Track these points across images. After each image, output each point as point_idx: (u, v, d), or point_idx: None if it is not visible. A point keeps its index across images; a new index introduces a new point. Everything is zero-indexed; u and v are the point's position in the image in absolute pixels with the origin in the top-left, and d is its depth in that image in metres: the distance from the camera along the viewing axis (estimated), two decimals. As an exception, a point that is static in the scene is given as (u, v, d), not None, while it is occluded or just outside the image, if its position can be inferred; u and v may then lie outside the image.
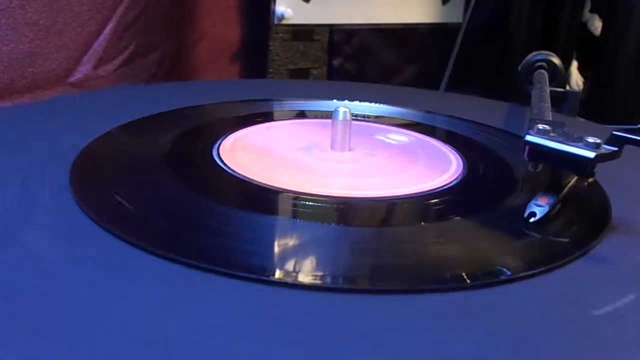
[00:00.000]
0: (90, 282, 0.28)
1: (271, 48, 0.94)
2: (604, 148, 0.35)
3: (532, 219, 0.36)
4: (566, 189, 0.38)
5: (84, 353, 0.23)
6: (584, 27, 1.03)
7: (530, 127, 0.37)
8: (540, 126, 0.37)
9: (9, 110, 0.64)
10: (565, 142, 0.35)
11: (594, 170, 0.35)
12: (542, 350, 0.25)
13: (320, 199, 0.38)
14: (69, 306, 0.26)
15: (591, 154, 0.34)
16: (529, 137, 0.37)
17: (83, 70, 0.77)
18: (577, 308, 0.29)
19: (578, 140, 0.35)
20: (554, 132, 0.37)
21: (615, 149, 0.35)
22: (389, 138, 0.53)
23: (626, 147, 0.35)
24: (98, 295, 0.27)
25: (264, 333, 0.25)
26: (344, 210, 0.38)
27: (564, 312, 0.28)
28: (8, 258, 0.29)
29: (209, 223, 0.35)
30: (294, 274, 0.30)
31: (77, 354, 0.23)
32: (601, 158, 0.35)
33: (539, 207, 0.36)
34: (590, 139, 0.35)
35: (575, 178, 0.39)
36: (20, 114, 0.54)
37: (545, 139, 0.36)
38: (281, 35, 0.95)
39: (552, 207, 0.37)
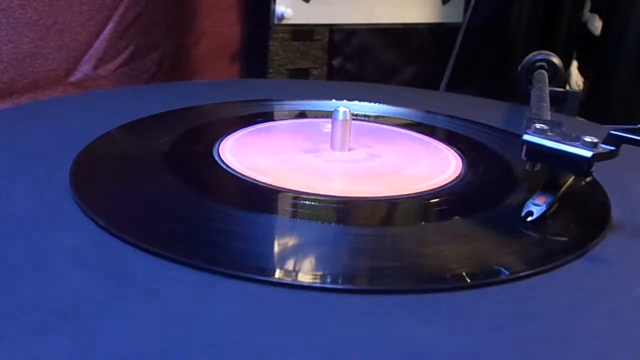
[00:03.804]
0: (90, 282, 0.28)
1: (271, 48, 0.94)
2: (601, 147, 0.35)
3: (529, 218, 0.36)
4: (563, 188, 0.38)
5: (80, 354, 0.23)
6: (584, 27, 1.03)
7: (528, 127, 0.38)
8: (538, 125, 0.37)
9: (9, 110, 0.64)
10: (563, 142, 0.35)
11: (592, 170, 0.35)
12: (542, 351, 0.25)
13: (320, 199, 0.38)
14: (68, 306, 0.26)
15: (588, 153, 0.34)
16: (526, 137, 0.37)
17: (83, 70, 0.77)
18: (577, 308, 0.29)
19: (575, 140, 0.35)
20: (551, 131, 0.37)
21: (613, 148, 0.35)
22: (388, 138, 0.53)
23: (627, 147, 0.35)
24: (97, 296, 0.27)
25: (264, 333, 0.25)
26: (344, 210, 0.38)
27: (563, 311, 0.28)
28: (8, 257, 0.29)
29: (209, 223, 0.35)
30: (293, 274, 0.30)
31: (74, 355, 0.23)
32: (598, 157, 0.35)
33: (536, 206, 0.36)
34: (588, 139, 0.35)
35: (573, 177, 0.39)
36: (20, 114, 0.54)
37: (543, 138, 0.36)
38: (281, 35, 0.95)
39: (550, 206, 0.37)
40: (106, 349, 0.23)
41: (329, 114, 0.48)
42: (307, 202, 0.38)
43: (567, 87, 1.03)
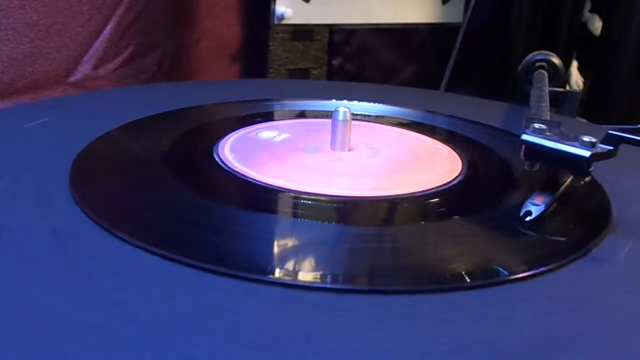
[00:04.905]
0: (90, 282, 0.28)
1: (271, 48, 0.94)
2: (600, 147, 0.35)
3: (528, 218, 0.36)
4: (562, 188, 0.38)
5: (79, 354, 0.23)
6: (584, 27, 1.03)
7: (527, 127, 0.38)
8: (537, 125, 0.37)
9: (9, 110, 0.64)
10: (561, 141, 0.35)
11: (590, 170, 0.35)
12: (542, 351, 0.25)
13: (320, 198, 0.38)
14: (68, 306, 0.26)
15: (586, 153, 0.34)
16: (524, 137, 0.37)
17: (83, 70, 0.77)
18: (577, 308, 0.29)
19: (574, 139, 0.35)
20: (550, 131, 0.37)
21: (611, 148, 0.35)
22: (388, 138, 0.53)
23: (627, 146, 0.35)
24: (97, 295, 0.27)
25: (264, 333, 0.25)
26: (344, 210, 0.38)
27: (564, 312, 0.29)
28: (8, 260, 0.29)
29: (209, 223, 0.35)
30: (293, 274, 0.30)
31: (71, 355, 0.23)
32: (596, 157, 0.35)
33: (535, 206, 0.36)
34: (586, 138, 0.35)
35: (572, 177, 0.39)
36: (20, 114, 0.54)
37: (541, 138, 0.36)
38: (281, 35, 0.95)
39: (548, 206, 0.37)
40: (100, 350, 0.23)
41: (329, 114, 0.48)
42: (307, 202, 0.38)
43: (567, 87, 1.03)
